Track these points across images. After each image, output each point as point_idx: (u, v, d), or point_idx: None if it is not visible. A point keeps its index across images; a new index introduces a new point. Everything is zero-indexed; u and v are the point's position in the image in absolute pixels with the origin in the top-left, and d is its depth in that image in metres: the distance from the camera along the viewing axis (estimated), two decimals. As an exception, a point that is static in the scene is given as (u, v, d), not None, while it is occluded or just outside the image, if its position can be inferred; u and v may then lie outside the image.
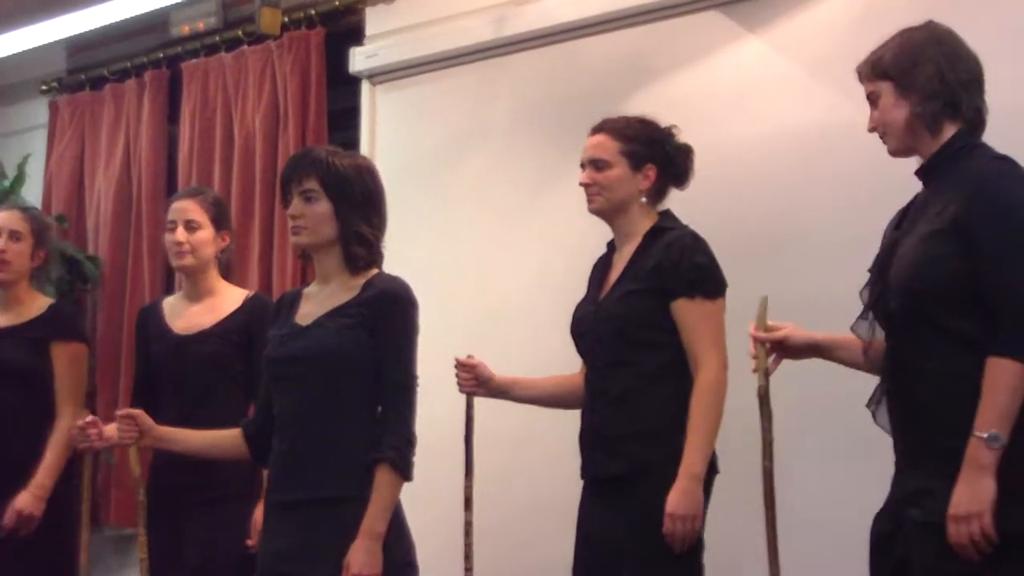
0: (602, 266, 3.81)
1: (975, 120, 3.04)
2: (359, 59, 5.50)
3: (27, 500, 4.47)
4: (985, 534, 2.74)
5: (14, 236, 4.68)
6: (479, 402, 3.91)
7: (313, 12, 5.72)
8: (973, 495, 2.76)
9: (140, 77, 6.43)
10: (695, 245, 3.63)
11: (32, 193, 6.55)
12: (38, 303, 4.76)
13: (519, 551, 4.63)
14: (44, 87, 6.87)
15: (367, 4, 5.58)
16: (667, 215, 3.77)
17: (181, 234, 4.16)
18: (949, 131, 3.01)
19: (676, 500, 3.44)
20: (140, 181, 6.35)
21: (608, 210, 3.74)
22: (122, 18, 6.08)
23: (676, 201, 4.00)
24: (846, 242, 4.08)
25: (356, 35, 5.61)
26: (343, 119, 5.68)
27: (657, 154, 3.74)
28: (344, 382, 3.23)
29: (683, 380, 3.57)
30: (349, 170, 3.35)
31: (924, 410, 2.92)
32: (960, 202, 2.88)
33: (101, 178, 6.52)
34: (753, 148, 4.37)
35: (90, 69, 6.69)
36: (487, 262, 4.94)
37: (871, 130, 3.14)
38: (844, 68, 4.14)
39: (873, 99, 3.13)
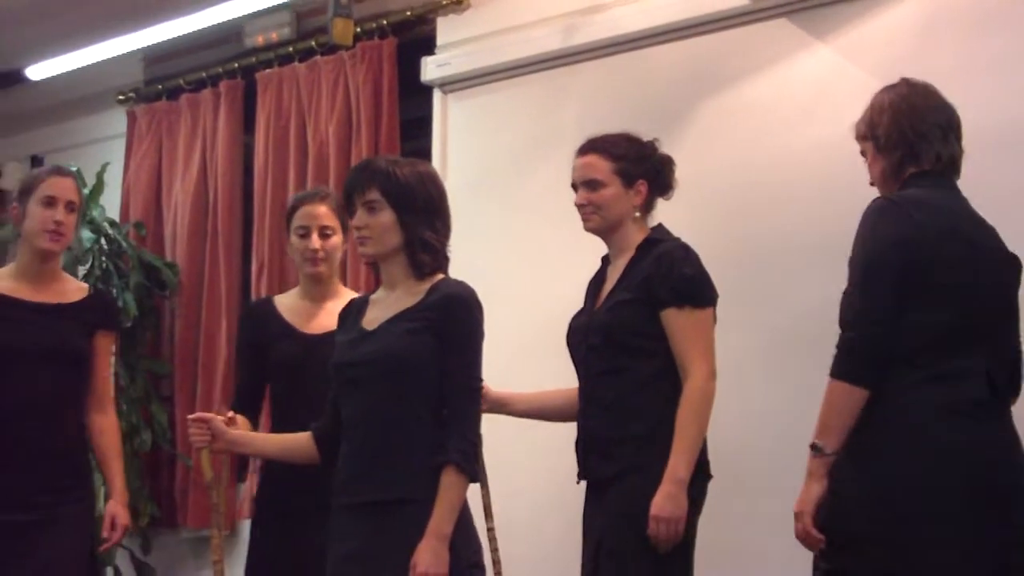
0: (597, 280, 3.94)
1: (940, 164, 3.40)
2: (431, 68, 5.55)
3: (121, 512, 4.28)
4: (805, 529, 3.26)
5: (71, 207, 4.28)
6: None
7: (385, 22, 5.78)
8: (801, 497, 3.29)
9: (215, 87, 6.52)
10: (684, 256, 3.75)
11: (110, 201, 6.65)
12: (74, 283, 4.45)
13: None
14: (121, 97, 6.97)
15: (438, 14, 5.63)
16: (659, 228, 3.89)
17: (316, 241, 4.09)
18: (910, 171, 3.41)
19: (660, 503, 3.56)
20: (216, 189, 6.44)
21: (604, 228, 3.86)
22: (197, 29, 6.21)
23: (747, 210, 4.07)
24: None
25: (428, 44, 5.66)
26: (415, 128, 5.73)
27: (646, 169, 3.85)
28: (409, 385, 3.27)
29: (675, 387, 3.69)
30: (411, 178, 3.38)
31: None
32: None
33: (178, 186, 6.61)
34: (823, 155, 4.38)
35: (166, 79, 6.79)
36: (556, 269, 4.98)
37: (871, 185, 3.51)
38: (912, 73, 4.18)
39: (864, 156, 3.54)
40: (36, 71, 6.91)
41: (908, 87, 3.49)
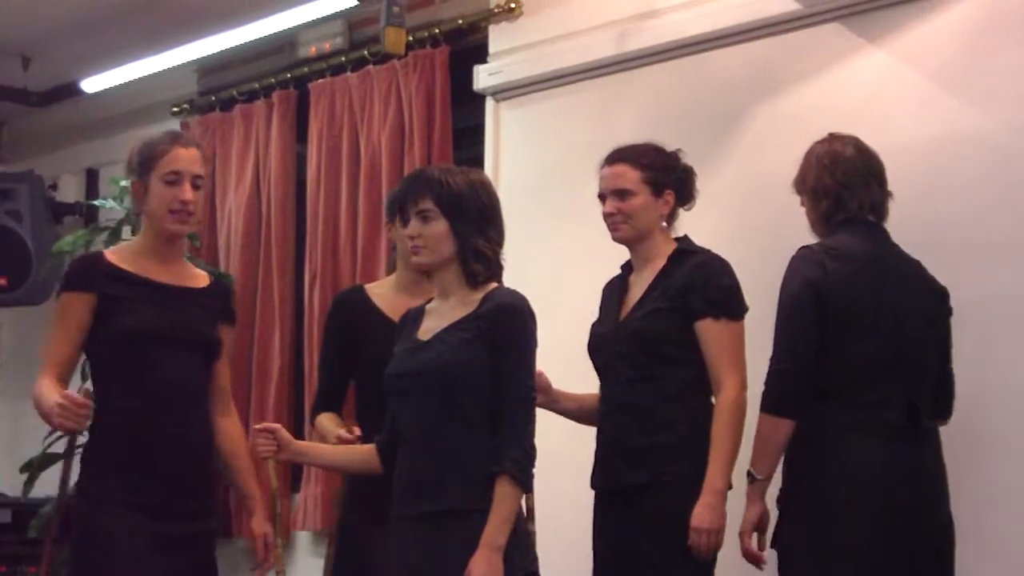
0: (618, 288, 3.98)
1: (863, 211, 3.76)
2: (483, 77, 5.57)
3: (270, 531, 3.91)
4: (746, 548, 3.67)
5: (197, 183, 3.83)
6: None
7: (437, 31, 5.81)
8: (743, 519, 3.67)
9: (268, 98, 6.56)
10: (722, 268, 3.80)
11: (165, 213, 6.70)
12: (195, 269, 4.03)
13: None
14: (175, 109, 7.04)
15: (490, 22, 5.65)
16: (686, 240, 3.93)
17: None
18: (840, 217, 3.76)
19: (701, 514, 3.62)
20: (269, 200, 6.49)
21: (633, 237, 3.91)
22: (250, 40, 6.26)
23: (798, 214, 4.06)
24: (977, 249, 4.14)
25: (480, 53, 5.68)
26: (468, 136, 5.76)
27: (673, 179, 3.90)
28: (463, 395, 3.28)
29: (705, 396, 3.75)
30: (463, 187, 3.40)
31: None
32: None
33: (232, 197, 6.67)
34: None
35: (220, 90, 6.85)
36: (608, 278, 4.99)
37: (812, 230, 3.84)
38: (966, 76, 4.20)
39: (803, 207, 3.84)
40: (91, 84, 7.00)
41: (834, 140, 3.84)
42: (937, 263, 4.16)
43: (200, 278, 3.96)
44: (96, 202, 7.10)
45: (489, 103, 5.63)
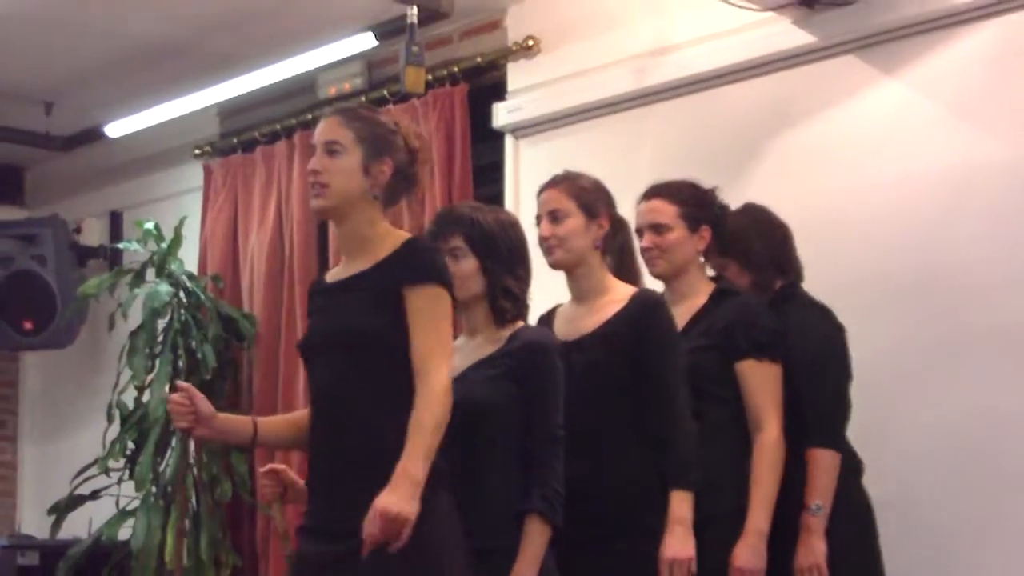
0: None
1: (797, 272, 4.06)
2: (502, 114, 5.61)
3: (390, 502, 3.08)
4: None
5: (331, 149, 3.34)
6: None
7: (456, 69, 5.83)
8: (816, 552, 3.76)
9: (290, 139, 6.58)
10: (765, 310, 3.83)
11: (189, 254, 6.75)
12: (385, 243, 3.34)
13: None
14: (198, 151, 7.08)
15: (509, 59, 5.69)
16: (724, 279, 3.95)
17: (546, 228, 3.75)
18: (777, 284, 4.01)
19: (744, 555, 3.64)
20: (292, 240, 6.50)
21: (670, 273, 3.91)
22: (271, 82, 6.31)
23: (821, 247, 4.10)
24: (997, 279, 4.15)
25: (499, 90, 5.72)
26: (488, 174, 5.78)
27: (709, 215, 3.91)
28: (491, 432, 3.30)
29: (743, 436, 3.75)
30: (493, 226, 3.45)
31: None
32: None
33: (255, 238, 6.69)
34: (896, 190, 4.40)
35: (241, 132, 6.88)
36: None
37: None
38: (984, 105, 4.22)
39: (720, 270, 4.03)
40: (115, 128, 7.05)
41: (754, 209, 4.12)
42: (957, 291, 4.20)
43: (380, 254, 3.31)
44: (120, 245, 7.16)
45: (508, 140, 5.67)
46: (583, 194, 3.74)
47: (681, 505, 3.54)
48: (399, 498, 3.02)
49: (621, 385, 3.62)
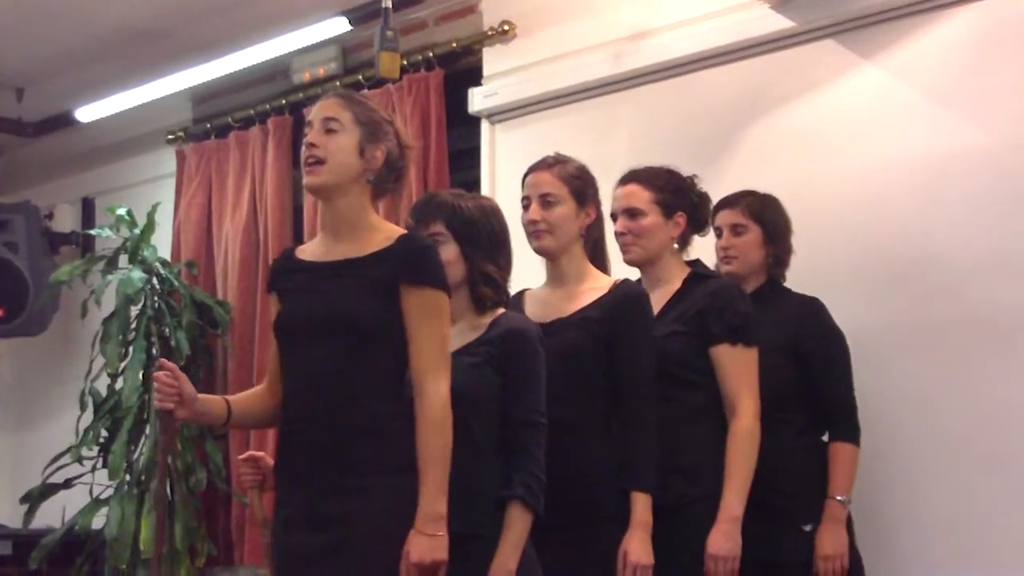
0: None
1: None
2: (478, 99, 5.60)
3: (420, 544, 3.14)
4: (845, 569, 3.88)
5: (329, 125, 3.34)
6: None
7: (431, 54, 5.82)
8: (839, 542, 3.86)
9: (264, 124, 6.57)
10: (740, 294, 3.84)
11: (162, 241, 6.73)
12: (384, 232, 3.34)
13: None
14: (170, 137, 7.04)
15: (484, 44, 5.67)
16: (700, 263, 3.95)
17: (536, 211, 3.75)
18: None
19: (718, 542, 3.64)
20: (266, 226, 6.49)
21: (644, 259, 3.91)
22: (245, 67, 6.28)
23: (799, 234, 4.09)
24: (975, 266, 4.15)
25: (475, 75, 5.70)
26: (464, 159, 5.77)
27: (685, 202, 3.91)
28: (472, 419, 3.29)
29: (717, 421, 3.75)
30: (475, 212, 3.45)
31: None
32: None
33: (228, 224, 6.67)
34: (875, 176, 4.40)
35: (215, 118, 6.86)
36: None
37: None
38: (963, 92, 4.22)
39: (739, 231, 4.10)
40: (86, 113, 7.02)
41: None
42: (935, 278, 4.20)
43: (373, 243, 3.30)
44: (92, 231, 7.12)
45: (484, 125, 5.65)
46: (575, 181, 3.75)
47: (640, 507, 3.55)
48: (430, 546, 3.09)
49: (594, 370, 3.62)
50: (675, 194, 3.93)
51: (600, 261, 3.84)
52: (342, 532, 3.11)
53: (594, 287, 3.70)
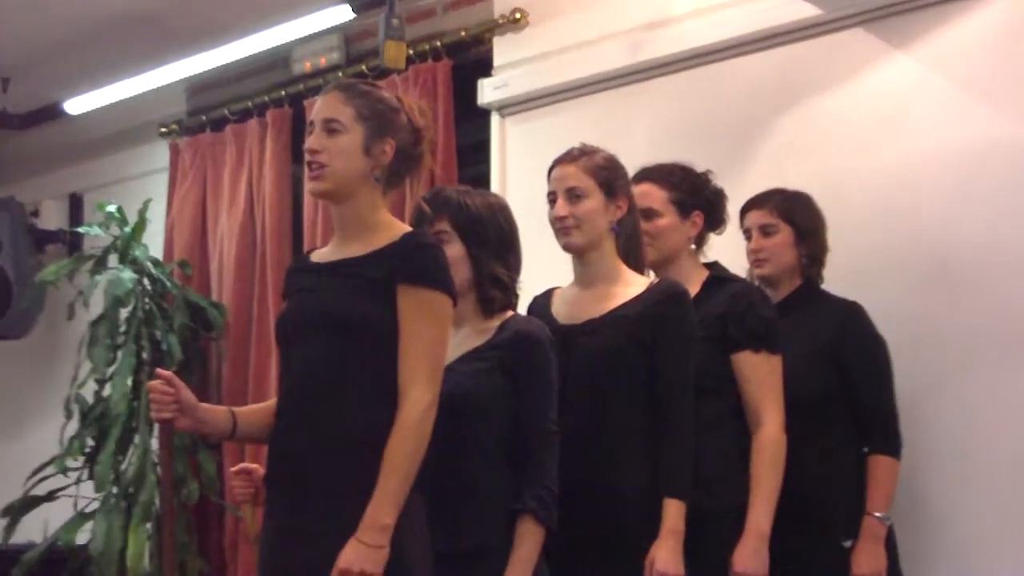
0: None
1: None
2: (488, 91, 5.59)
3: (354, 558, 3.09)
4: None
5: (330, 127, 3.31)
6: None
7: (439, 44, 5.82)
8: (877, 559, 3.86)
9: (262, 116, 6.58)
10: (762, 298, 3.82)
11: (154, 239, 6.73)
12: (388, 231, 3.31)
13: None
14: (164, 129, 7.06)
15: (495, 33, 5.67)
16: (719, 266, 3.93)
17: (562, 207, 3.73)
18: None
19: (745, 559, 3.62)
20: (264, 224, 6.49)
21: (659, 260, 3.88)
22: (242, 57, 6.29)
23: (832, 229, 4.11)
24: (1009, 260, 4.15)
25: (484, 66, 5.70)
26: (473, 153, 5.77)
27: (702, 201, 3.90)
28: (480, 426, 3.30)
29: (739, 430, 3.73)
30: (482, 210, 3.44)
31: None
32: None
33: (224, 222, 6.68)
34: (906, 168, 4.40)
35: (210, 110, 6.87)
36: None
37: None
38: (996, 82, 4.23)
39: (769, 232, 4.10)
40: (74, 105, 7.04)
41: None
42: (959, 274, 4.20)
43: (377, 242, 3.28)
44: (80, 229, 7.13)
45: (494, 118, 5.64)
46: (602, 172, 3.71)
47: (674, 515, 3.51)
48: (364, 555, 3.02)
49: (630, 373, 3.58)
50: (691, 192, 3.93)
51: (635, 261, 3.76)
52: (325, 547, 3.06)
53: (628, 287, 3.66)
